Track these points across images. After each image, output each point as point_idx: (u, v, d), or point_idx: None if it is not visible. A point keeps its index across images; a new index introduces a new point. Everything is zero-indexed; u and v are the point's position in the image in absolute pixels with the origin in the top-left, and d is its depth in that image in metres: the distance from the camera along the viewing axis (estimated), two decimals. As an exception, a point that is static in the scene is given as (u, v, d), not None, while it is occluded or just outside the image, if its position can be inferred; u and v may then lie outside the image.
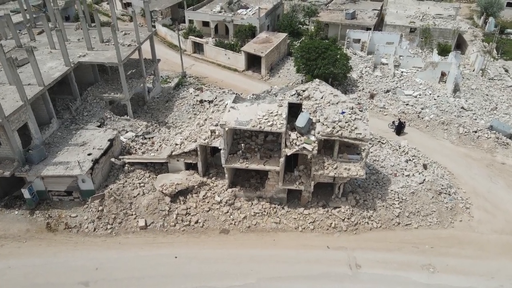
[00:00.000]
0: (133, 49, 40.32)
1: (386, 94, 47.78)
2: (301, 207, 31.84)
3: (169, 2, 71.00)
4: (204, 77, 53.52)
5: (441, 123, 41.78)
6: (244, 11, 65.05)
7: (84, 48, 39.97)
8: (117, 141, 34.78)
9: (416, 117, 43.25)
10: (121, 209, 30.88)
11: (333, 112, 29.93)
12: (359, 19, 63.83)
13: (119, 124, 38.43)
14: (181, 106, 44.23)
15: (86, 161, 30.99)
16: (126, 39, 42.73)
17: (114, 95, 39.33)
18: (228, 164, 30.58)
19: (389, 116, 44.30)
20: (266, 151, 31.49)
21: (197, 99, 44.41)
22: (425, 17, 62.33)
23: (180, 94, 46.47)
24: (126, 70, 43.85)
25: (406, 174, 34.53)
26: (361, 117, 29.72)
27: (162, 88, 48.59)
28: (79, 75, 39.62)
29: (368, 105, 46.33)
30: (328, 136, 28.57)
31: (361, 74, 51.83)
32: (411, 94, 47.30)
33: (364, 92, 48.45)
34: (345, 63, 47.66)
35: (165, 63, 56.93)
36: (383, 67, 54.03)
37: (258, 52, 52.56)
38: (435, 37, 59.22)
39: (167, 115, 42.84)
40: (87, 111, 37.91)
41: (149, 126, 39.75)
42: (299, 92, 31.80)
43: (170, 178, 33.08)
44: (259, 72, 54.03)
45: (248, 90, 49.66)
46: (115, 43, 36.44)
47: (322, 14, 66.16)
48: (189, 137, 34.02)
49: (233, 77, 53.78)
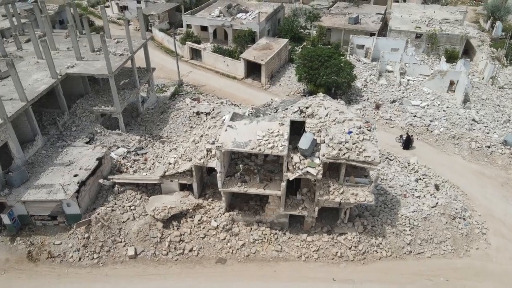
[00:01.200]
0: (125, 59, 37.61)
1: (392, 105, 45.09)
2: (304, 232, 29.21)
3: (166, 6, 68.31)
4: (202, 86, 50.86)
5: (451, 137, 39.11)
6: (243, 15, 62.34)
7: (73, 57, 37.29)
8: (107, 159, 32.15)
9: (425, 130, 40.58)
10: (109, 236, 28.24)
11: (339, 132, 27.26)
12: (363, 23, 61.10)
13: (110, 139, 35.80)
14: (176, 118, 41.57)
15: (72, 183, 28.36)
16: (119, 47, 40.06)
17: (105, 108, 36.69)
18: (225, 188, 27.93)
19: (396, 129, 41.63)
20: (266, 173, 28.85)
21: (193, 111, 41.76)
22: (431, 22, 59.56)
23: (176, 105, 43.79)
24: (118, 80, 41.32)
25: (416, 195, 31.88)
26: (370, 138, 27.04)
27: (157, 98, 45.94)
28: (68, 86, 37.00)
29: (374, 116, 43.70)
30: (334, 159, 25.92)
31: (365, 83, 49.14)
32: (419, 105, 44.60)
33: (369, 102, 45.77)
34: (349, 72, 44.97)
35: (161, 70, 54.30)
36: (388, 75, 51.35)
37: (258, 59, 49.87)
38: (442, 43, 56.48)
39: (161, 128, 40.19)
40: (75, 126, 35.25)
41: (142, 141, 37.11)
42: (302, 109, 29.11)
43: (163, 200, 30.47)
44: (259, 80, 51.36)
45: (247, 100, 47.09)
46: (105, 54, 33.77)
47: (324, 18, 63.44)
48: (184, 155, 31.40)
49: (232, 85, 51.11)
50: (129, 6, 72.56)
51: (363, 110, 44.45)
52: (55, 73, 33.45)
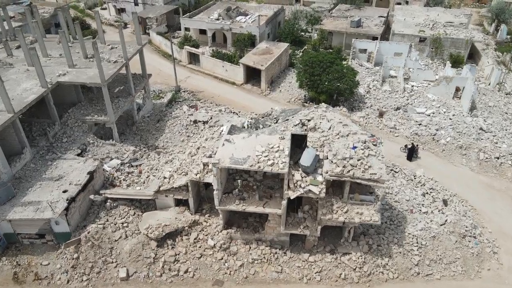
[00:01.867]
0: (119, 66, 35.88)
1: (396, 112, 43.38)
2: (305, 252, 27.54)
3: (164, 8, 66.56)
4: (200, 91, 49.15)
5: (458, 147, 37.41)
6: (243, 18, 60.63)
7: (65, 65, 35.58)
8: (99, 172, 30.47)
9: (431, 139, 38.87)
10: (99, 256, 26.56)
11: (343, 147, 25.57)
12: (365, 27, 59.36)
13: (103, 150, 34.11)
14: (173, 127, 39.86)
15: (60, 200, 26.68)
16: (113, 53, 38.33)
17: (98, 118, 34.98)
18: (222, 206, 26.24)
19: (401, 138, 39.93)
20: (266, 190, 27.18)
21: (190, 119, 40.04)
22: (435, 25, 57.79)
23: (173, 113, 42.08)
24: (113, 87, 39.68)
25: (423, 210, 30.19)
26: (376, 153, 25.34)
27: (153, 105, 44.23)
28: (60, 94, 35.37)
29: (377, 124, 42.01)
30: (337, 177, 24.24)
31: (368, 89, 47.45)
32: (424, 112, 42.88)
33: (372, 110, 44.06)
34: (352, 78, 43.24)
35: (158, 75, 52.61)
36: (392, 81, 49.63)
37: (258, 64, 48.15)
38: (446, 47, 54.74)
39: (157, 138, 38.50)
40: (66, 137, 33.55)
41: (137, 152, 35.39)
42: (304, 122, 27.41)
43: (157, 217, 28.81)
44: (258, 85, 49.65)
45: (247, 107, 45.41)
46: (97, 62, 32.06)
47: (326, 21, 61.68)
48: (180, 169, 29.76)
49: (231, 91, 49.41)
50: (127, 8, 70.93)
51: (366, 117, 42.76)
52: (45, 82, 31.75)
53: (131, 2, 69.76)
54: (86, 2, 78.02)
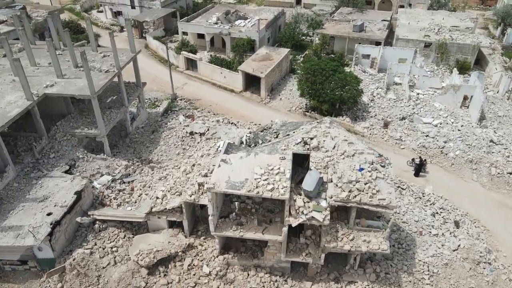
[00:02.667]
0: (111, 76, 33.74)
1: (402, 122, 41.23)
2: (308, 280, 25.44)
3: (162, 11, 64.35)
4: (197, 99, 47.01)
5: (468, 161, 35.27)
6: (242, 22, 58.45)
7: (54, 74, 33.43)
8: (88, 191, 28.37)
9: (439, 152, 36.72)
10: (85, 285, 24.48)
11: (349, 168, 23.44)
12: (368, 31, 57.16)
13: (93, 166, 32.01)
14: (168, 139, 37.72)
15: (44, 224, 24.59)
16: (105, 62, 36.18)
17: (88, 131, 32.85)
18: (218, 232, 24.13)
19: (407, 151, 37.79)
20: (266, 213, 25.07)
21: (186, 131, 37.88)
22: (441, 30, 55.58)
23: (168, 123, 39.91)
24: (106, 96, 37.62)
25: (433, 232, 28.07)
26: (384, 175, 23.22)
27: (148, 115, 42.08)
28: (48, 106, 33.32)
29: (382, 135, 39.86)
30: (343, 203, 22.12)
31: (372, 97, 45.29)
32: (431, 123, 40.73)
33: (376, 119, 41.91)
34: (355, 87, 41.08)
35: (154, 82, 50.49)
36: (397, 88, 47.47)
37: (257, 72, 45.99)
38: (452, 53, 52.54)
39: (151, 151, 36.37)
40: (54, 152, 31.44)
41: (130, 166, 33.28)
42: (306, 140, 25.26)
43: (149, 241, 26.71)
44: (258, 93, 47.50)
45: (246, 116, 43.30)
46: (86, 73, 29.90)
47: (327, 25, 59.46)
48: (173, 188, 27.69)
49: (230, 99, 47.25)
50: (123, 11, 68.71)
51: (371, 128, 40.62)
52: (30, 95, 29.63)
53: (127, 5, 67.54)
54: (82, 5, 75.81)
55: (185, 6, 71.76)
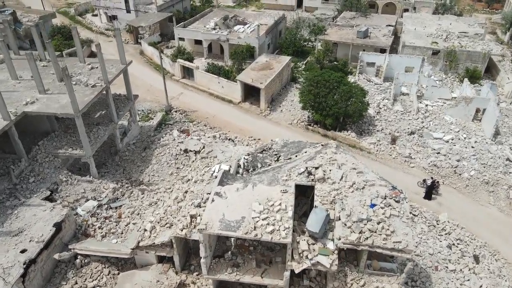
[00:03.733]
0: (98, 91, 30.83)
1: (410, 137, 38.33)
2: (312, 325, 22.50)
3: (158, 16, 61.37)
4: (193, 111, 44.10)
5: (484, 183, 32.39)
6: (241, 28, 55.50)
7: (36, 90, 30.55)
8: (69, 221, 25.53)
9: (452, 172, 33.83)
10: (63, 333, 21.62)
11: (359, 204, 20.56)
12: (373, 37, 54.20)
13: (78, 189, 29.15)
14: (161, 157, 34.83)
15: (16, 264, 21.73)
16: (93, 75, 33.26)
17: (73, 152, 29.97)
18: (211, 275, 21.26)
19: (417, 170, 34.91)
20: (265, 252, 22.18)
21: (180, 148, 34.98)
22: (449, 36, 52.59)
23: (161, 139, 36.99)
24: (94, 111, 34.84)
25: (451, 268, 25.19)
26: (399, 213, 20.34)
27: (141, 129, 39.18)
28: (30, 123, 30.58)
29: (390, 152, 36.97)
30: (353, 246, 19.22)
31: (378, 109, 42.35)
32: (442, 138, 37.83)
33: (383, 134, 39.00)
34: (361, 100, 38.14)
35: (148, 91, 47.66)
36: (404, 99, 44.55)
37: (257, 82, 43.06)
38: (461, 61, 49.56)
39: (142, 170, 33.49)
40: (34, 175, 28.55)
41: (118, 189, 30.42)
42: (310, 171, 22.35)
43: (135, 279, 23.87)
44: (257, 104, 44.57)
45: (244, 130, 40.42)
46: (69, 91, 27.01)
47: (330, 31, 56.48)
48: (163, 219, 24.83)
49: (227, 110, 44.33)
50: (118, 15, 65.76)
51: (377, 144, 37.71)
52: (7, 114, 26.75)
53: (123, 9, 64.59)
54: (77, 9, 72.84)
55: (183, 10, 68.79)
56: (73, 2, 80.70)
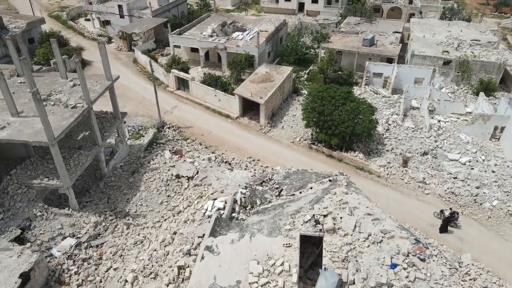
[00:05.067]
0: (79, 113, 27.22)
1: (423, 158, 34.76)
2: None
3: (152, 22, 57.66)
4: (188, 127, 40.51)
5: (509, 215, 28.82)
6: (240, 35, 51.86)
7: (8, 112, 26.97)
8: (41, 267, 22.09)
9: (472, 201, 30.26)
10: None
11: (376, 263, 17.01)
12: (379, 46, 50.53)
13: (54, 225, 25.72)
14: (150, 183, 31.24)
15: (-28, 329, 18.18)
16: (74, 94, 29.66)
17: (48, 182, 26.39)
18: None
19: (433, 197, 31.33)
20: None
21: (172, 173, 31.41)
22: (461, 45, 48.91)
23: (151, 162, 33.41)
24: (77, 131, 31.28)
25: (478, 325, 21.62)
26: (425, 275, 16.79)
27: (130, 148, 35.60)
28: (3, 149, 26.92)
29: (402, 176, 33.40)
30: (372, 320, 15.65)
31: (387, 126, 38.72)
32: (458, 160, 34.24)
33: (394, 155, 35.42)
34: (370, 118, 34.54)
35: (141, 104, 44.10)
36: (414, 115, 40.95)
37: (256, 97, 39.45)
38: (475, 71, 45.90)
39: (129, 199, 29.90)
40: (4, 211, 25.08)
41: (101, 223, 26.94)
42: (318, 219, 18.78)
43: None
44: (257, 119, 40.96)
45: (242, 149, 36.88)
46: (42, 118, 23.44)
47: (334, 38, 52.81)
48: (147, 267, 21.31)
49: (225, 127, 40.73)
50: (112, 21, 62.12)
51: (388, 167, 34.13)
52: (-30, 144, 23.18)
53: (116, 14, 60.93)
54: (69, 13, 69.13)
55: (179, 15, 65.08)
56: (66, 6, 77.00)
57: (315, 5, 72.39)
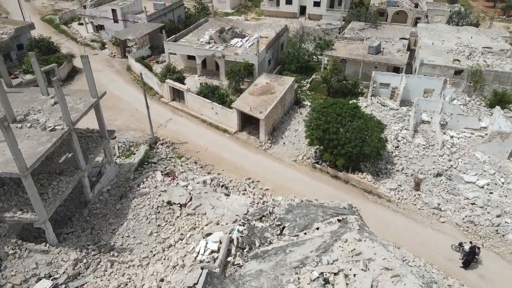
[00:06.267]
0: (58, 137, 24.12)
1: (437, 180, 31.72)
2: None
3: (147, 27, 54.48)
4: (182, 143, 37.44)
5: (535, 249, 25.75)
6: (239, 41, 48.71)
7: (-20, 135, 23.86)
8: (8, 321, 18.91)
9: (493, 232, 27.19)
10: None
11: (400, 337, 13.89)
12: (386, 53, 47.39)
13: (28, 264, 22.71)
14: (139, 210, 28.19)
15: None
16: (55, 112, 26.55)
17: (22, 216, 23.31)
18: None
19: (449, 226, 28.28)
20: None
21: (163, 199, 28.37)
22: (472, 53, 45.74)
23: (142, 184, 30.32)
24: (59, 153, 28.22)
25: None
26: None
27: (119, 169, 32.53)
28: (-28, 177, 23.83)
29: (414, 200, 30.34)
30: None
31: (397, 143, 35.62)
32: (475, 182, 31.19)
33: (405, 176, 32.38)
34: (379, 137, 31.43)
35: (133, 117, 41.05)
36: (425, 129, 37.87)
37: (256, 111, 36.36)
38: (488, 82, 42.77)
39: (115, 230, 26.83)
40: (-29, 250, 21.97)
41: (81, 260, 23.90)
42: (327, 278, 15.69)
43: None
44: (256, 134, 37.87)
45: (241, 169, 33.89)
46: (11, 146, 20.36)
47: (338, 45, 49.66)
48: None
49: (222, 142, 37.63)
50: (106, 25, 58.98)
51: (399, 190, 31.07)
52: None
53: (110, 19, 57.77)
54: (61, 17, 65.94)
55: (176, 19, 61.90)
56: (60, 9, 73.85)
57: (317, 8, 69.19)
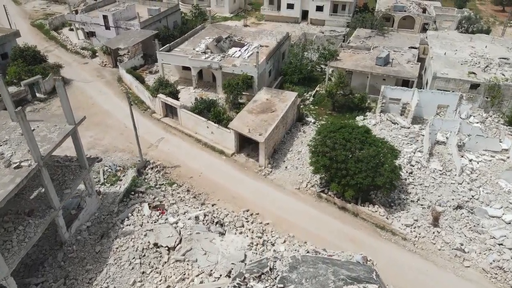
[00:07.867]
0: (23, 176, 20.33)
1: (457, 214, 27.90)
2: None
3: (140, 35, 50.56)
4: (174, 167, 33.64)
5: None
6: (237, 51, 44.81)
7: None
8: None
9: (526, 281, 23.37)
10: None
11: None
12: (395, 64, 43.48)
13: (-14, 330, 18.80)
14: (122, 253, 24.46)
15: None
16: (24, 144, 22.70)
17: (-21, 272, 19.52)
18: None
19: (475, 272, 24.47)
20: None
21: (149, 241, 24.59)
22: (489, 65, 41.83)
23: (125, 221, 26.56)
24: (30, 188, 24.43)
25: None
26: None
27: (102, 200, 28.73)
28: None
29: (433, 239, 26.52)
30: None
31: (410, 168, 31.81)
32: (500, 217, 27.39)
33: (421, 208, 28.61)
34: (393, 166, 27.56)
35: (122, 136, 37.31)
36: (440, 151, 34.10)
37: (255, 133, 32.52)
38: (507, 97, 38.90)
39: (93, 278, 23.08)
40: None
41: (50, 321, 20.08)
42: None
43: None
44: (255, 157, 34.06)
45: (238, 198, 30.18)
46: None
47: (343, 55, 45.72)
48: None
49: (218, 166, 33.83)
50: (97, 32, 55.07)
51: (415, 226, 27.27)
52: None
53: (101, 25, 53.86)
54: (52, 22, 61.95)
55: (172, 25, 57.94)
56: (51, 13, 69.90)
57: (320, 13, 65.23)
